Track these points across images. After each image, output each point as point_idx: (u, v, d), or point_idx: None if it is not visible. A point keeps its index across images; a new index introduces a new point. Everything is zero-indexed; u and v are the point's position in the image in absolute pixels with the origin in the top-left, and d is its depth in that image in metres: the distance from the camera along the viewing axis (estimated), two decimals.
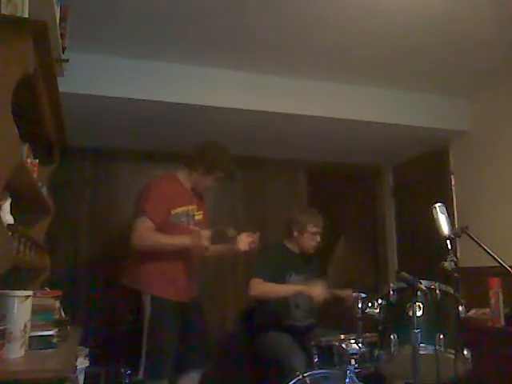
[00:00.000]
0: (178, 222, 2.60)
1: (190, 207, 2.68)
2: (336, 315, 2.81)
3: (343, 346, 2.25)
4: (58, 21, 1.91)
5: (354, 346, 2.23)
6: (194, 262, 2.72)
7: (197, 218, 2.71)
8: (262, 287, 2.76)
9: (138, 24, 2.62)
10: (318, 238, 3.00)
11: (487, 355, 2.61)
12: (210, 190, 2.85)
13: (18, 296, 1.47)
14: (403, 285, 1.93)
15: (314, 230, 2.97)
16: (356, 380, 2.20)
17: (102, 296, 3.61)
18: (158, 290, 2.52)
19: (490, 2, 2.43)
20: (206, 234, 2.49)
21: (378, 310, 2.04)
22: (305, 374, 2.23)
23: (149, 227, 2.48)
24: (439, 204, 1.95)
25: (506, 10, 2.48)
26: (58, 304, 1.99)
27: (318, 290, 2.71)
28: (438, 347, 1.79)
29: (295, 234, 3.01)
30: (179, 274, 2.62)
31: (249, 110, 3.25)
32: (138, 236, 2.47)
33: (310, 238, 2.98)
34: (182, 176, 2.73)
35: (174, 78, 3.07)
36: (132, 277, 2.60)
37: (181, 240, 2.55)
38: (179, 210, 2.61)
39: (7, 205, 1.78)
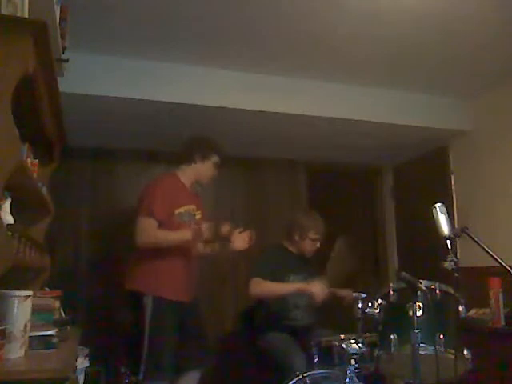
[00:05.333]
0: (181, 222, 2.63)
1: (191, 207, 2.71)
2: (336, 315, 2.81)
3: (343, 346, 2.24)
4: (57, 21, 1.90)
5: (354, 345, 2.23)
6: (194, 261, 2.74)
7: (197, 217, 2.74)
8: (262, 286, 2.77)
9: (138, 24, 2.62)
10: (318, 244, 3.00)
11: (487, 355, 2.60)
12: (211, 180, 2.87)
13: (17, 296, 1.47)
14: (403, 285, 1.92)
15: (315, 236, 2.97)
16: (356, 380, 2.19)
17: (102, 296, 3.60)
18: (159, 291, 2.53)
19: (491, 2, 2.43)
20: (204, 226, 2.64)
21: (377, 310, 2.04)
22: (305, 374, 2.23)
23: (153, 226, 2.50)
24: (439, 204, 1.95)
25: (506, 10, 2.48)
26: (57, 304, 1.99)
27: (318, 288, 2.72)
28: (437, 347, 1.79)
29: (296, 237, 3.00)
30: (180, 274, 2.63)
31: (249, 110, 3.25)
32: (143, 235, 2.49)
33: (310, 243, 2.98)
34: (182, 174, 2.75)
35: (174, 78, 3.07)
36: (134, 279, 2.60)
37: (182, 234, 2.59)
38: (182, 209, 2.64)
39: (7, 205, 1.78)
